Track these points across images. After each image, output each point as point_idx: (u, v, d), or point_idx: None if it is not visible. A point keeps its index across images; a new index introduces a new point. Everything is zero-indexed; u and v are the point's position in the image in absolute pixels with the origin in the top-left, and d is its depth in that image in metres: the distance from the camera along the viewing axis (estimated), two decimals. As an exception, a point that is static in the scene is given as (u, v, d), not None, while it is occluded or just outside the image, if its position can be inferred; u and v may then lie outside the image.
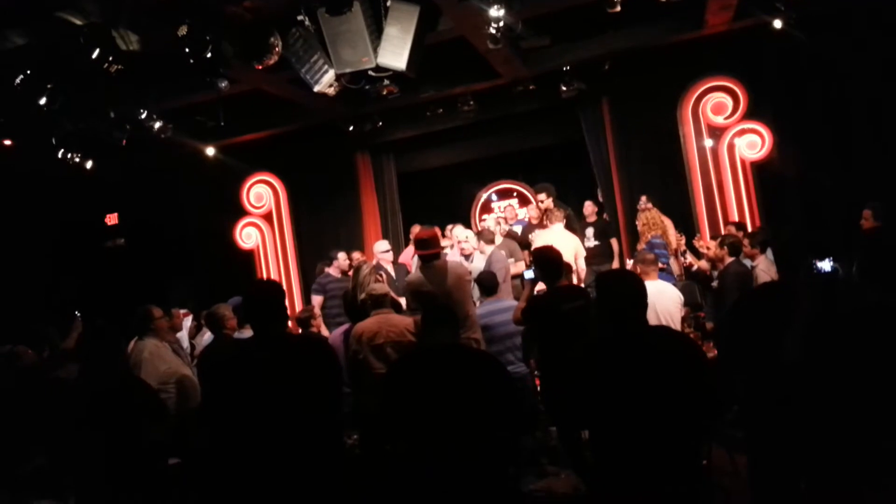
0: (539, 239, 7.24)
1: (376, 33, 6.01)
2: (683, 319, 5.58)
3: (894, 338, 2.42)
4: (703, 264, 6.50)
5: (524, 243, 8.08)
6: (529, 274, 4.74)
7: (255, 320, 3.00)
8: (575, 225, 8.37)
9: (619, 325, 2.70)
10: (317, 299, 7.49)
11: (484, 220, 10.82)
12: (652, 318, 4.70)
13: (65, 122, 6.88)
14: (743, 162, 7.98)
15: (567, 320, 4.42)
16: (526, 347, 5.18)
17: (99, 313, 7.77)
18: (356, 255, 8.15)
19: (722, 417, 4.31)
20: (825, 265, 2.93)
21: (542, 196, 8.37)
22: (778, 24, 6.98)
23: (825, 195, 7.82)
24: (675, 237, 7.21)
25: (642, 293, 2.75)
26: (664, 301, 4.87)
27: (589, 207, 8.35)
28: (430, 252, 4.99)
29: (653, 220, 7.17)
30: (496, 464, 2.91)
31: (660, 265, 6.75)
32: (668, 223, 7.40)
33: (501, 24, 5.77)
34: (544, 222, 7.81)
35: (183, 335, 6.65)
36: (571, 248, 7.12)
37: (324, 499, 2.80)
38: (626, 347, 2.63)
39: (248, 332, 4.80)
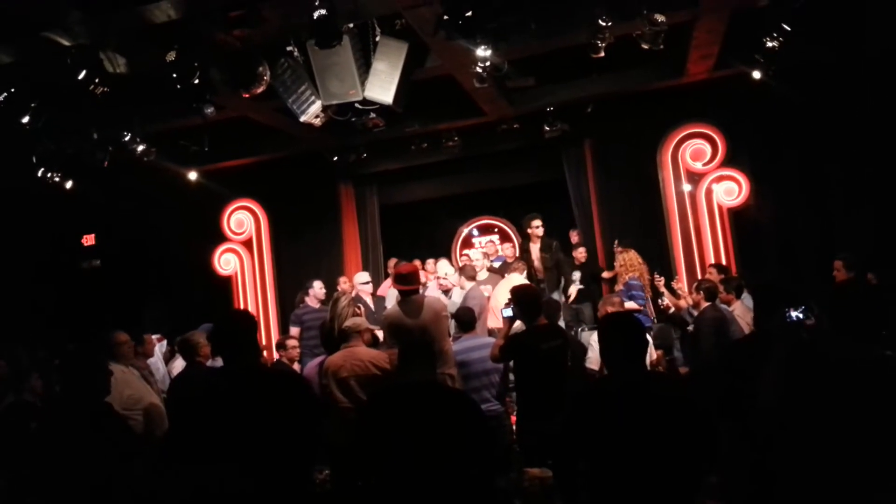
0: (498, 288, 7.14)
1: (364, 67, 6.09)
2: (656, 363, 5.60)
3: (868, 391, 2.45)
4: (683, 304, 6.55)
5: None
6: (508, 312, 4.74)
7: (224, 351, 2.96)
8: (561, 256, 8.33)
9: (624, 368, 2.71)
10: (294, 331, 7.43)
11: (465, 254, 10.84)
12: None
13: (47, 141, 6.83)
14: (720, 207, 8.12)
15: (545, 359, 4.42)
16: (502, 385, 5.16)
17: (71, 335, 7.65)
18: (342, 281, 8.10)
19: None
20: (798, 313, 2.97)
21: (539, 222, 8.33)
22: (757, 74, 7.16)
23: (800, 241, 7.96)
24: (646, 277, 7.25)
25: (644, 337, 2.79)
26: None
27: (581, 253, 8.39)
28: (409, 288, 4.98)
29: (630, 261, 7.23)
30: (469, 503, 2.88)
31: (636, 306, 6.79)
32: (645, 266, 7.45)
33: (488, 63, 5.85)
34: (505, 272, 7.69)
35: (156, 361, 6.53)
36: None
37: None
38: (629, 392, 2.66)
39: (220, 362, 4.74)
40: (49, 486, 3.43)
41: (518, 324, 4.77)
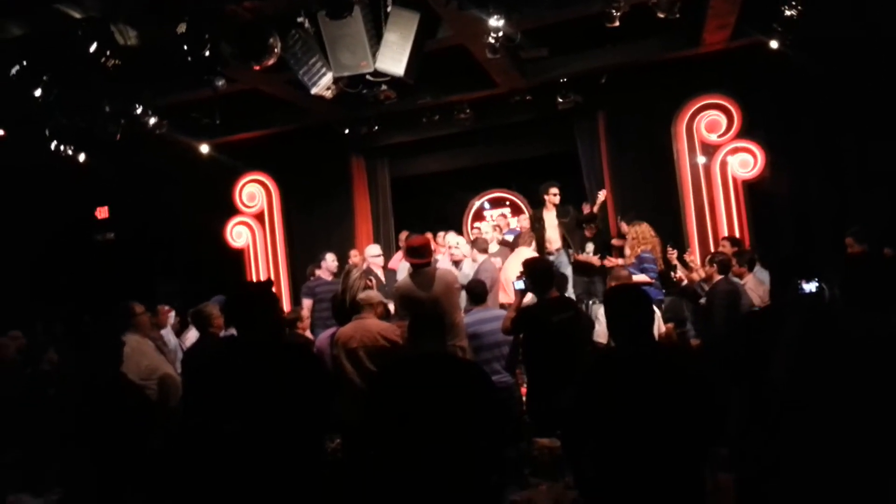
0: (508, 262, 7.10)
1: (376, 38, 6.03)
2: (667, 335, 5.59)
3: (879, 365, 2.44)
4: (695, 276, 6.52)
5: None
6: (519, 284, 4.74)
7: (237, 323, 2.98)
8: (581, 217, 8.26)
9: (632, 342, 2.72)
10: (306, 302, 7.47)
11: (476, 227, 10.84)
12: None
13: (59, 115, 6.84)
14: (735, 180, 8.03)
15: (556, 332, 4.43)
16: (512, 357, 5.18)
17: (85, 307, 7.73)
18: (353, 254, 8.12)
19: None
20: (811, 286, 2.95)
21: (556, 190, 8.23)
22: (774, 44, 7.04)
23: (815, 215, 7.88)
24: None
25: (651, 310, 2.79)
26: None
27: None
28: (421, 261, 4.98)
29: (642, 234, 7.18)
30: (479, 473, 2.91)
31: (648, 279, 6.77)
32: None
33: (500, 33, 5.78)
34: (516, 245, 7.62)
35: (167, 332, 6.61)
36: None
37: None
38: (637, 363, 2.67)
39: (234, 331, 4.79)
40: (65, 453, 3.51)
41: (529, 296, 4.78)
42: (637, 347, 2.72)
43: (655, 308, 5.13)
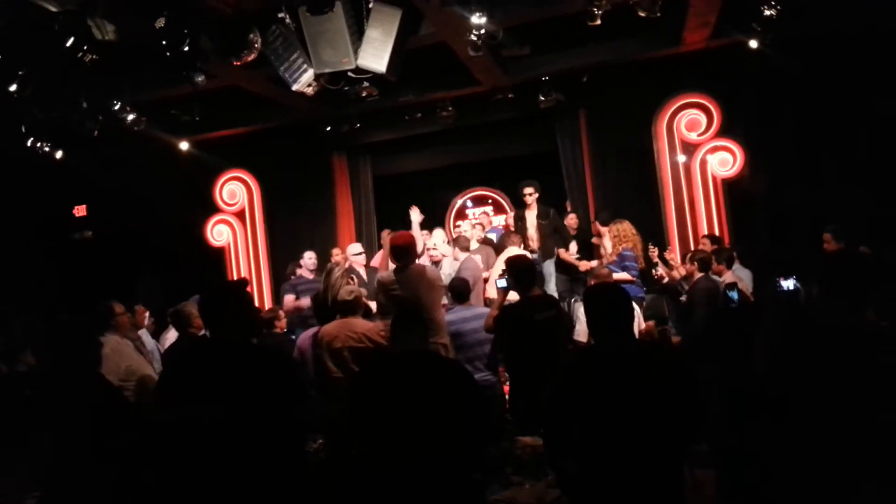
0: (498, 261, 7.08)
1: (357, 34, 6.00)
2: (647, 333, 5.62)
3: (855, 360, 2.47)
4: (676, 274, 6.57)
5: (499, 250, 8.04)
6: (502, 283, 4.74)
7: (208, 322, 2.96)
8: (559, 225, 8.26)
9: (610, 339, 2.72)
10: (289, 298, 7.43)
11: (458, 226, 10.83)
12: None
13: (35, 111, 6.73)
14: (714, 178, 8.10)
15: (539, 330, 4.44)
16: (494, 355, 5.19)
17: (63, 306, 7.63)
18: (335, 252, 8.08)
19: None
20: (788, 283, 2.98)
21: (531, 189, 8.25)
22: (754, 44, 7.10)
23: (794, 213, 7.97)
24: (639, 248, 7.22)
25: (630, 307, 2.79)
26: None
27: (572, 220, 8.33)
28: (403, 262, 4.96)
29: (623, 232, 7.21)
30: (461, 470, 2.91)
31: (629, 277, 6.81)
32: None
33: (483, 31, 5.78)
34: (505, 243, 7.62)
35: (144, 332, 6.52)
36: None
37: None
38: (616, 359, 2.67)
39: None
40: (41, 455, 3.45)
41: (513, 294, 4.78)
42: (616, 344, 2.73)
43: (636, 306, 5.17)
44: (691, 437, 2.83)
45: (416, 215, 7.41)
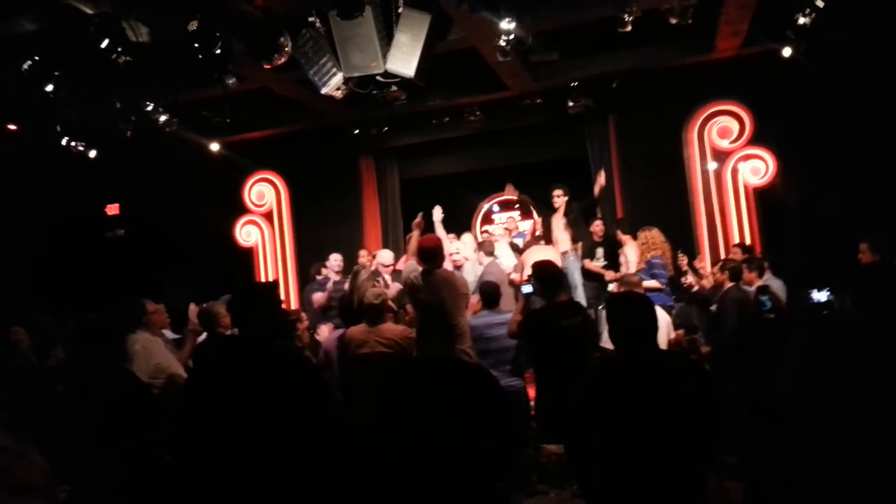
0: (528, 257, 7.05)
1: (386, 39, 6.02)
2: (676, 342, 5.54)
3: (888, 377, 2.41)
4: (706, 283, 6.48)
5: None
6: (527, 288, 4.71)
7: (237, 320, 2.98)
8: (579, 220, 8.16)
9: (633, 349, 2.70)
10: (318, 296, 7.48)
11: (485, 230, 10.79)
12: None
13: (70, 111, 6.87)
14: (746, 187, 7.99)
15: (564, 336, 4.40)
16: (519, 360, 5.16)
17: (93, 304, 7.74)
18: (362, 254, 8.10)
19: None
20: (821, 296, 2.91)
21: (560, 192, 8.12)
22: (787, 52, 7.00)
23: (826, 223, 7.82)
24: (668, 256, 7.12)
25: (654, 317, 2.76)
26: None
27: (598, 226, 8.26)
28: (430, 264, 4.95)
29: (652, 239, 7.13)
30: (485, 478, 2.89)
31: (658, 285, 6.72)
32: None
33: (512, 36, 5.77)
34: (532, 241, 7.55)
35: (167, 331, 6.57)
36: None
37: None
38: (641, 370, 2.64)
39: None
40: (70, 450, 3.49)
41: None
42: (638, 354, 2.70)
43: (666, 314, 5.10)
44: (712, 450, 2.78)
45: (438, 214, 7.39)
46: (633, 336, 2.74)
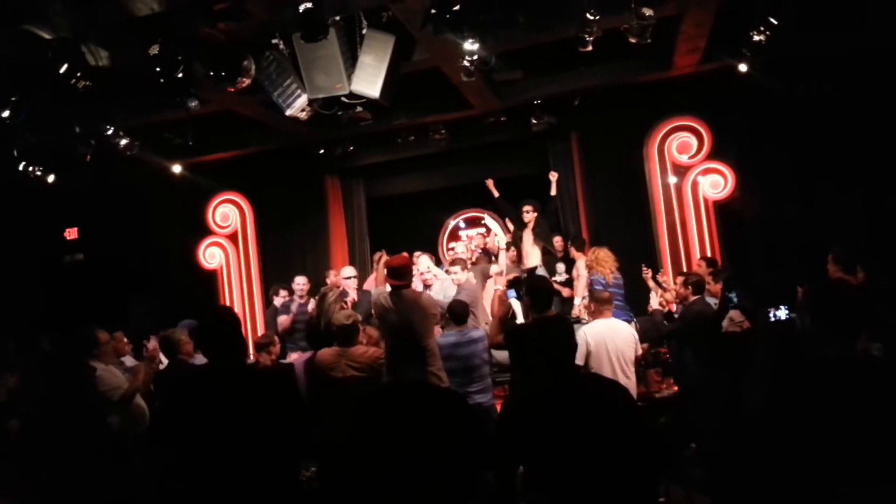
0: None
1: (351, 60, 6.03)
2: (643, 356, 5.60)
3: (850, 391, 2.47)
4: (668, 297, 6.57)
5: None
6: (512, 294, 4.75)
7: (209, 350, 2.95)
8: (545, 229, 8.25)
9: (557, 373, 2.71)
10: (283, 318, 7.40)
11: (452, 247, 10.82)
12: (603, 356, 4.74)
13: (28, 135, 6.72)
14: (706, 200, 8.16)
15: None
16: (489, 378, 5.17)
17: (48, 330, 7.56)
18: (332, 273, 8.03)
19: (668, 460, 4.34)
20: (780, 314, 2.98)
21: (529, 208, 8.22)
22: (743, 68, 7.18)
23: (785, 236, 8.01)
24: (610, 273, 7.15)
25: (573, 340, 2.77)
26: (616, 339, 4.87)
27: (559, 242, 8.36)
28: (401, 283, 4.95)
29: (597, 259, 7.08)
30: (455, 498, 2.89)
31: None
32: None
33: (475, 57, 5.82)
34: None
35: (128, 359, 6.42)
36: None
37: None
38: (565, 395, 2.65)
39: (202, 358, 4.71)
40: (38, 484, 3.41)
41: (516, 304, 4.76)
42: (557, 380, 2.70)
43: (633, 330, 5.17)
44: (653, 465, 2.74)
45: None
46: (551, 362, 2.72)
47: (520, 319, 6.65)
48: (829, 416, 2.51)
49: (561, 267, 7.98)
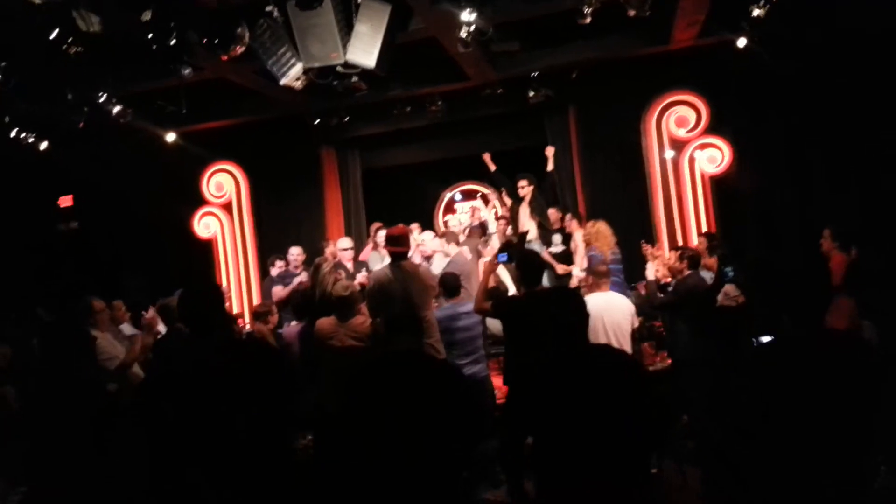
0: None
1: (346, 29, 5.96)
2: (638, 330, 5.63)
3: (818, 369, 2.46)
4: (662, 272, 6.59)
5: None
6: (504, 257, 4.75)
7: (192, 322, 2.95)
8: (541, 203, 8.27)
9: (566, 343, 2.72)
10: (278, 289, 7.39)
11: (447, 220, 10.81)
12: (600, 330, 4.75)
13: (20, 102, 6.65)
14: (703, 175, 8.15)
15: (541, 326, 4.41)
16: (484, 350, 5.20)
17: (51, 299, 7.56)
18: (330, 243, 7.99)
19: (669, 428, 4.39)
20: (766, 340, 2.96)
21: (524, 182, 8.22)
22: (742, 42, 7.12)
23: (780, 211, 8.03)
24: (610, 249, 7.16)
25: (585, 311, 2.78)
26: (613, 313, 4.90)
27: (554, 214, 8.35)
28: (399, 250, 4.96)
29: (595, 233, 7.07)
30: (450, 470, 2.92)
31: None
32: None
33: (472, 27, 5.76)
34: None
35: (126, 326, 6.44)
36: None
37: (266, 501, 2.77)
38: (574, 365, 2.66)
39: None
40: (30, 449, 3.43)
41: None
42: (566, 350, 2.72)
43: (630, 304, 5.19)
44: (653, 436, 2.74)
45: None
46: (563, 331, 2.74)
47: (509, 286, 6.68)
48: (824, 392, 2.51)
49: (557, 238, 7.96)
